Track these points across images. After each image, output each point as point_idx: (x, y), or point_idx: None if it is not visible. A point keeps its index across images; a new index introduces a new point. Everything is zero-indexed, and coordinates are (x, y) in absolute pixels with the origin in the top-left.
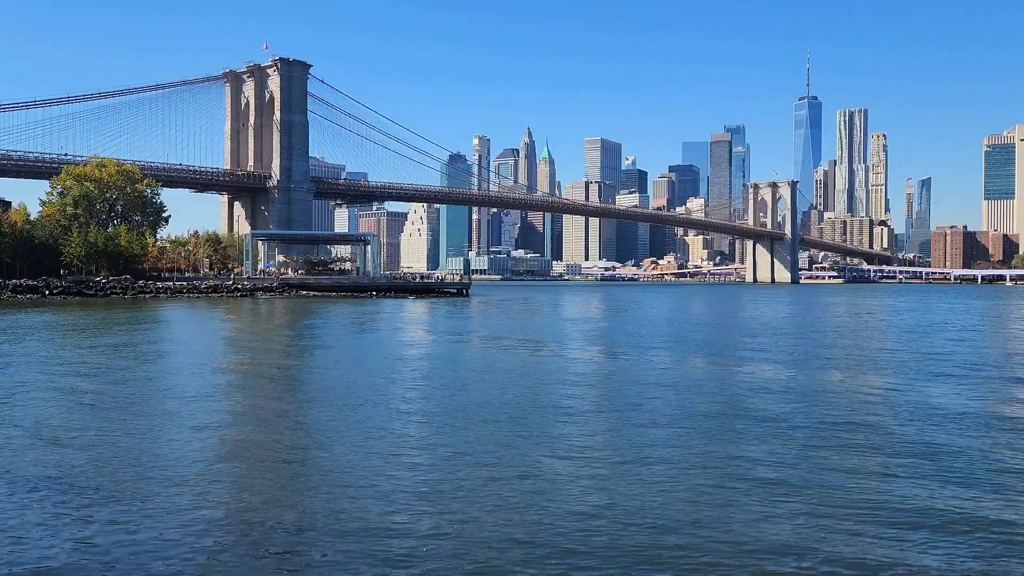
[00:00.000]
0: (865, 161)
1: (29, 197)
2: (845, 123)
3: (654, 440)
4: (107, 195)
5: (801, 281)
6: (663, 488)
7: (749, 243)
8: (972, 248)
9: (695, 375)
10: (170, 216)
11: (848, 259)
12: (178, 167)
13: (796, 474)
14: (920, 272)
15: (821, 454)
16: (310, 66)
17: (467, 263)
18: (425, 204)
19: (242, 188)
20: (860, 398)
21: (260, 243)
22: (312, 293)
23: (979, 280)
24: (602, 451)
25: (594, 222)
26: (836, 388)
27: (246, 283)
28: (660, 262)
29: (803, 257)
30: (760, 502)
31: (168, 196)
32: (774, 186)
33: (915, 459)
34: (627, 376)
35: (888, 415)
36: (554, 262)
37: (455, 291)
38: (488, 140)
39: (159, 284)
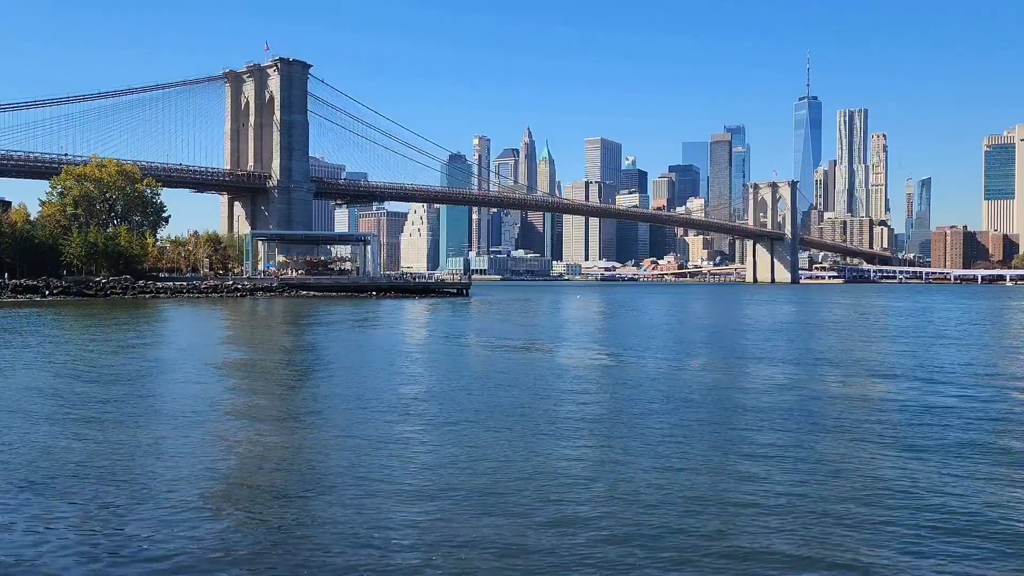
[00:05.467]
0: (865, 161)
1: (29, 197)
2: (845, 123)
3: (656, 441)
4: (107, 195)
5: (801, 281)
6: (664, 489)
7: (749, 243)
8: (972, 248)
9: (696, 377)
10: (170, 216)
11: (848, 259)
12: (178, 167)
13: (798, 479)
14: (920, 272)
15: (826, 459)
16: (310, 66)
17: (467, 263)
18: (425, 204)
19: (242, 188)
20: (863, 401)
21: (260, 243)
22: (312, 293)
23: (979, 280)
24: (602, 452)
25: (594, 222)
26: (844, 393)
27: (246, 283)
28: (660, 262)
29: (803, 257)
30: (762, 508)
31: (168, 196)
32: (774, 186)
33: (928, 465)
34: (627, 378)
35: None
36: (554, 262)
37: (455, 291)
38: (488, 140)
39: (159, 284)
